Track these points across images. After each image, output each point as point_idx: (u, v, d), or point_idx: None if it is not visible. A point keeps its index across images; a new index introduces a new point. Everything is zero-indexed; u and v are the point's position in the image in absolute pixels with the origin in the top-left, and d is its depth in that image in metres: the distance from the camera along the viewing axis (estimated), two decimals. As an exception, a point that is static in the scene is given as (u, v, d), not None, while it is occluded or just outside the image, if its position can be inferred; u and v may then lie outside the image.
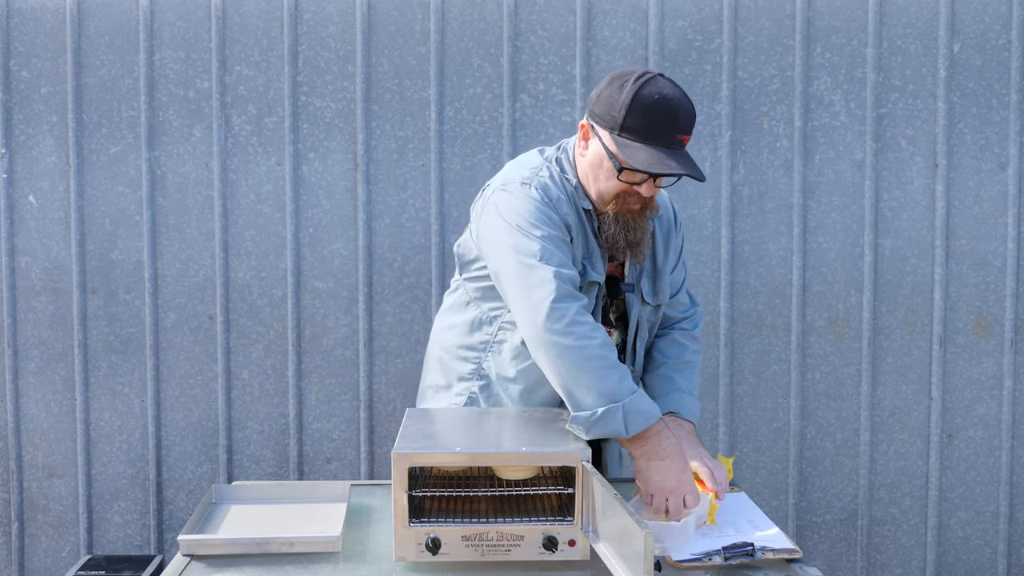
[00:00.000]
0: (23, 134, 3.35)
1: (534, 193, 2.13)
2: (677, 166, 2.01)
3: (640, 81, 2.03)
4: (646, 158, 2.02)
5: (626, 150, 2.04)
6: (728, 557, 1.83)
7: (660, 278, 2.31)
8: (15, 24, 3.33)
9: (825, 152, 3.39)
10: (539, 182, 2.16)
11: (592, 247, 2.19)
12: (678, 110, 2.03)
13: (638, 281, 2.28)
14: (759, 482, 3.47)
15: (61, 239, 3.38)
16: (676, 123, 2.03)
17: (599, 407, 1.95)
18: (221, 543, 1.91)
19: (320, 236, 3.38)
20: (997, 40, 3.37)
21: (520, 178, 2.18)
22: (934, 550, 3.50)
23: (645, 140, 2.03)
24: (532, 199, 2.12)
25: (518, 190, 2.15)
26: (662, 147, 2.02)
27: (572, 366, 1.98)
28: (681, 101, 2.04)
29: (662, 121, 2.02)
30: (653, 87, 2.02)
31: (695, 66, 3.36)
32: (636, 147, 2.03)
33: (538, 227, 2.08)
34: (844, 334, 3.43)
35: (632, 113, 2.02)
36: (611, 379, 1.97)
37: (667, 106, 2.02)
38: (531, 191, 2.14)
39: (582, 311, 2.02)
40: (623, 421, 1.95)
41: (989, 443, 3.48)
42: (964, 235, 3.41)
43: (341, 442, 3.44)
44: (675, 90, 2.05)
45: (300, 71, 3.35)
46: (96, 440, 3.45)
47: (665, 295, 2.34)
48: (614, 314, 2.30)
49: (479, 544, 1.80)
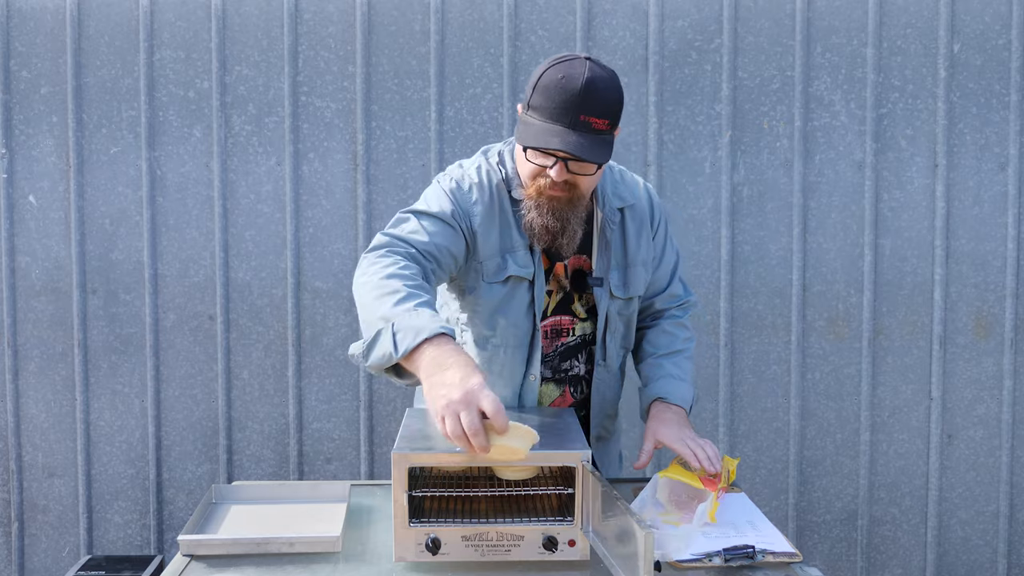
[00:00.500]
0: (23, 134, 3.35)
1: (445, 184, 2.16)
2: (560, 143, 1.96)
3: (555, 62, 2.01)
4: (533, 133, 2.00)
5: (523, 127, 2.03)
6: (728, 559, 1.83)
7: (631, 270, 2.27)
8: (15, 24, 3.33)
9: (825, 152, 3.39)
10: (459, 174, 2.18)
11: (516, 240, 2.16)
12: (582, 90, 1.95)
13: (607, 274, 2.23)
14: (759, 482, 3.47)
15: (61, 239, 3.38)
16: (577, 103, 1.95)
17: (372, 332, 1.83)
18: (221, 543, 1.90)
19: (320, 236, 3.38)
20: (997, 40, 3.37)
21: (450, 171, 2.22)
22: (934, 550, 3.50)
23: (545, 118, 1.99)
24: (439, 188, 2.15)
25: (436, 181, 2.20)
26: (561, 125, 1.97)
27: (359, 303, 1.92)
28: (593, 83, 1.97)
29: (560, 100, 1.96)
30: (564, 68, 1.98)
31: (695, 66, 3.36)
32: (533, 124, 2.01)
33: (424, 206, 2.12)
34: (844, 334, 3.43)
35: (536, 91, 2.00)
36: (386, 304, 1.85)
37: (569, 86, 1.96)
38: (445, 182, 2.17)
39: (390, 253, 1.99)
40: (392, 340, 1.78)
41: (989, 443, 3.48)
42: (964, 235, 3.41)
43: (341, 442, 3.44)
44: (592, 73, 1.98)
45: (300, 71, 3.35)
46: (96, 440, 3.45)
47: (637, 288, 2.29)
48: (584, 306, 2.27)
49: (479, 544, 1.80)
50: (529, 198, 2.09)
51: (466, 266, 2.18)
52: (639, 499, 2.07)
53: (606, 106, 1.99)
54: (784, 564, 1.85)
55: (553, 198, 2.07)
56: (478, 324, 2.22)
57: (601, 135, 2.00)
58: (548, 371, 2.27)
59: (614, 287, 2.24)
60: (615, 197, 2.25)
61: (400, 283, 1.89)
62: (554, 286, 2.23)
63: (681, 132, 3.37)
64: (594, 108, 1.97)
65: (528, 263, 2.17)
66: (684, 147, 3.38)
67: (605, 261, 2.22)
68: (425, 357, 1.76)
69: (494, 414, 1.67)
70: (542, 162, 2.03)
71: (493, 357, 2.23)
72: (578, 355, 2.30)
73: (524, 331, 2.21)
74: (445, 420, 1.68)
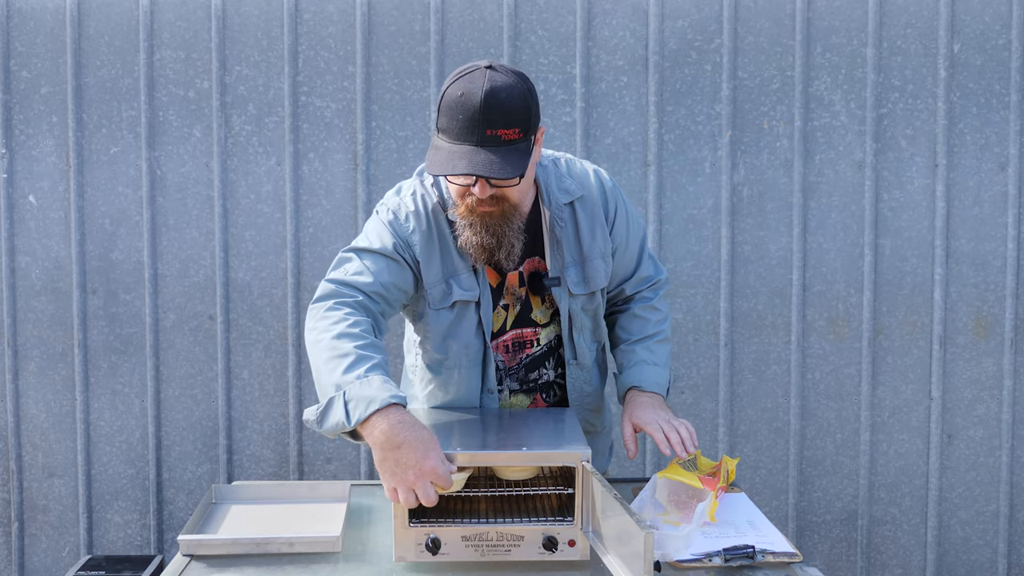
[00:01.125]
0: (23, 134, 3.35)
1: (383, 216, 2.12)
2: (467, 166, 1.89)
3: (455, 78, 1.95)
4: (438, 159, 1.94)
5: (431, 152, 1.97)
6: (728, 559, 1.83)
7: (589, 264, 2.19)
8: (15, 24, 3.32)
9: (825, 152, 3.39)
10: (395, 203, 2.13)
11: (458, 263, 2.12)
12: (481, 105, 1.88)
13: (563, 272, 2.17)
14: (759, 482, 3.47)
15: (61, 239, 3.38)
16: (480, 119, 1.88)
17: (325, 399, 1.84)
18: (221, 543, 1.91)
19: (320, 236, 3.38)
20: (997, 40, 3.37)
21: (387, 199, 2.17)
22: (934, 550, 3.50)
23: (452, 139, 1.93)
24: (378, 221, 2.12)
25: (375, 212, 2.16)
26: (469, 144, 1.90)
27: (312, 364, 1.93)
28: (494, 95, 1.89)
29: (463, 118, 1.90)
30: (463, 83, 1.91)
31: (695, 66, 3.36)
32: (441, 148, 1.94)
33: (364, 242, 2.09)
34: (844, 334, 3.43)
35: (441, 112, 1.95)
36: (337, 369, 1.84)
37: (469, 102, 1.89)
38: (383, 214, 2.13)
39: (338, 306, 1.97)
40: (344, 410, 1.79)
41: (989, 443, 3.48)
42: (964, 235, 3.41)
43: (341, 442, 3.44)
44: (491, 84, 1.90)
45: (300, 71, 3.35)
46: (96, 440, 3.44)
47: (598, 281, 2.21)
48: (548, 310, 2.24)
49: (479, 544, 1.80)
50: (462, 217, 2.04)
51: (416, 295, 2.16)
52: (639, 499, 2.07)
53: (512, 115, 1.91)
54: (784, 564, 1.85)
55: (485, 214, 2.01)
56: (430, 349, 2.21)
57: (513, 145, 1.92)
58: (515, 383, 2.26)
59: (572, 284, 2.18)
60: (561, 192, 2.18)
61: (350, 344, 1.88)
62: (509, 299, 2.19)
63: (681, 132, 3.37)
64: (498, 120, 1.90)
65: (472, 285, 2.13)
66: (684, 147, 3.38)
67: (559, 259, 2.17)
68: (376, 430, 1.77)
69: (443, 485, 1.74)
70: (463, 182, 1.98)
71: (448, 379, 2.22)
72: (546, 362, 2.27)
73: (476, 350, 2.19)
74: (398, 492, 1.75)
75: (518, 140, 1.93)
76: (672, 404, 3.40)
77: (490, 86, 1.89)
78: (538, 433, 1.96)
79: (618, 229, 2.24)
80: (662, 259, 3.38)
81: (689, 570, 1.81)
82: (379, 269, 2.05)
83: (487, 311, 2.15)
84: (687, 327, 3.41)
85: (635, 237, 2.30)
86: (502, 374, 2.24)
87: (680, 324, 3.41)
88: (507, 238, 2.04)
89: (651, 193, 3.37)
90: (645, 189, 3.37)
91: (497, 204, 2.01)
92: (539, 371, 2.27)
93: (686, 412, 3.43)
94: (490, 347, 2.18)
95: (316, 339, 1.93)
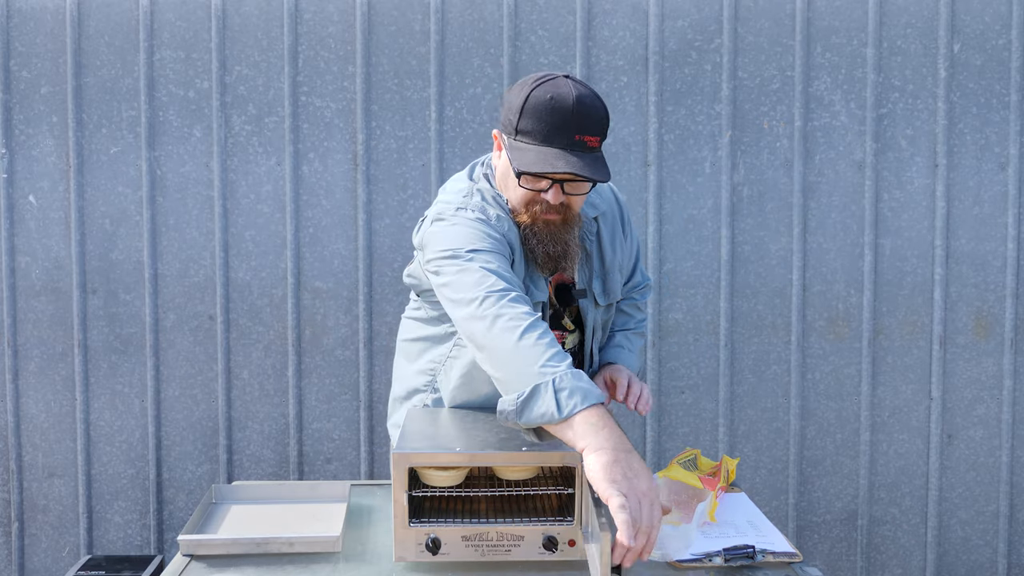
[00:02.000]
0: (23, 134, 3.35)
1: (469, 215, 2.05)
2: (565, 165, 1.90)
3: (537, 82, 1.96)
4: (533, 158, 1.93)
5: (517, 152, 1.96)
6: (728, 559, 1.83)
7: (610, 277, 2.24)
8: (15, 24, 3.32)
9: (825, 152, 3.38)
10: (474, 203, 2.08)
11: (531, 266, 2.10)
12: (573, 109, 1.92)
13: (590, 285, 2.21)
14: (759, 482, 3.47)
15: (61, 239, 3.38)
16: (571, 122, 1.92)
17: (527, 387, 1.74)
18: (221, 543, 1.90)
19: (320, 236, 3.37)
20: (997, 40, 3.37)
21: (456, 204, 2.10)
22: (934, 550, 3.50)
23: (539, 142, 1.94)
24: (468, 221, 2.03)
25: (453, 216, 2.06)
26: (557, 147, 1.93)
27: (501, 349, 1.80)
28: (582, 101, 1.93)
29: (554, 120, 1.92)
30: (549, 87, 1.94)
31: (695, 66, 3.36)
32: (527, 149, 1.95)
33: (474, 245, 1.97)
34: (844, 334, 3.43)
35: (525, 115, 1.95)
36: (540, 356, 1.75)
37: (560, 106, 1.92)
38: (467, 213, 2.05)
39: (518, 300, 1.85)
40: (554, 399, 1.70)
41: (989, 443, 3.48)
42: (964, 235, 3.41)
43: (341, 442, 3.44)
44: (578, 91, 1.94)
45: (300, 71, 3.34)
46: (96, 440, 3.44)
47: (616, 293, 2.27)
48: (570, 317, 2.25)
49: (479, 544, 1.80)
50: (525, 227, 2.03)
51: None
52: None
53: (597, 123, 1.96)
54: (784, 564, 1.85)
55: (549, 223, 2.02)
56: None
57: (595, 153, 1.96)
58: None
59: (598, 296, 2.23)
60: (589, 207, 2.21)
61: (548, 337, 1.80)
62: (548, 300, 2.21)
63: (681, 132, 3.37)
64: (587, 127, 1.94)
65: (544, 288, 2.13)
66: (684, 147, 3.38)
67: (587, 272, 2.21)
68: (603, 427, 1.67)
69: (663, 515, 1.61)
70: (536, 187, 1.98)
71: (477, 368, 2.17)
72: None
73: None
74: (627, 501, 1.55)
75: (597, 149, 1.97)
76: (672, 404, 3.41)
77: (578, 93, 1.94)
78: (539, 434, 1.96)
79: (630, 242, 2.35)
80: (662, 259, 3.38)
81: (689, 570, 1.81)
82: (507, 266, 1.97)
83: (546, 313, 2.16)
84: (687, 327, 3.41)
85: (635, 247, 2.42)
86: None
87: (680, 324, 3.41)
88: (571, 246, 2.07)
89: (651, 193, 3.37)
90: (645, 189, 3.37)
91: (561, 212, 2.03)
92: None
93: (686, 412, 3.43)
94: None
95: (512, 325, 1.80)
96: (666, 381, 3.43)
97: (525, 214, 2.03)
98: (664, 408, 3.44)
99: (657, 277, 3.39)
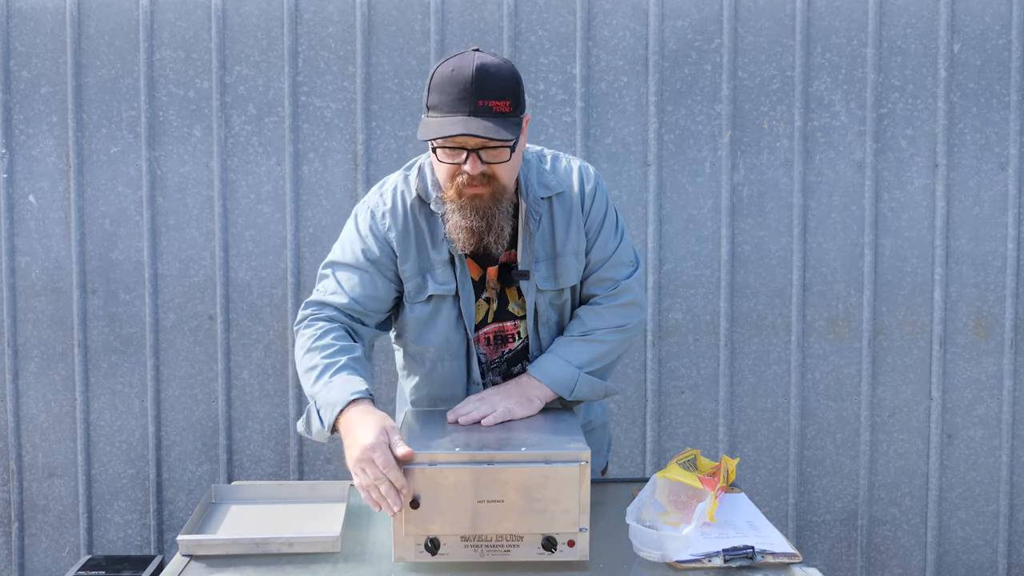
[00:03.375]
0: (23, 134, 3.35)
1: (361, 219, 2.18)
2: (463, 128, 1.92)
3: (444, 59, 2.00)
4: (435, 128, 1.96)
5: (424, 127, 1.99)
6: (728, 559, 1.83)
7: (560, 260, 2.18)
8: (15, 24, 3.32)
9: (825, 152, 3.38)
10: (375, 201, 2.18)
11: (433, 258, 2.15)
12: (474, 77, 1.93)
13: (531, 266, 2.16)
14: (759, 482, 3.47)
15: (61, 239, 3.38)
16: (471, 89, 1.92)
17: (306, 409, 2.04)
18: (220, 543, 1.90)
19: (320, 236, 3.37)
20: (997, 40, 3.36)
21: (368, 197, 2.22)
22: (934, 550, 3.50)
23: (444, 113, 1.96)
24: (354, 228, 2.18)
25: (353, 215, 2.22)
26: (460, 115, 1.94)
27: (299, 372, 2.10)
28: (484, 68, 1.94)
29: (455, 90, 1.94)
30: (453, 62, 1.97)
31: (695, 66, 3.36)
32: (433, 121, 1.97)
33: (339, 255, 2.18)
34: (844, 334, 3.43)
35: (431, 91, 1.98)
36: (308, 381, 2.03)
37: (460, 76, 1.93)
38: (360, 216, 2.19)
39: (311, 322, 2.12)
40: (318, 417, 1.97)
41: (989, 443, 3.47)
42: (964, 235, 3.41)
43: (341, 442, 3.43)
44: (481, 60, 1.95)
45: (300, 71, 3.34)
46: (96, 440, 3.44)
47: (569, 279, 2.20)
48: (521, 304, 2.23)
49: (478, 545, 1.79)
50: (451, 201, 2.04)
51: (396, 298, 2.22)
52: (637, 500, 2.07)
53: (502, 88, 1.96)
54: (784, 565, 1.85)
55: (475, 196, 2.02)
56: (410, 342, 2.26)
57: (505, 116, 1.96)
58: (498, 377, 2.27)
59: (541, 279, 2.18)
60: (540, 187, 2.18)
61: (319, 356, 2.03)
62: (490, 292, 2.21)
63: (681, 132, 3.37)
64: (490, 92, 1.94)
65: (448, 279, 2.15)
66: (684, 147, 3.37)
67: (530, 253, 2.17)
68: (342, 427, 1.93)
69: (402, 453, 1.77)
70: (454, 159, 1.99)
71: (432, 372, 2.25)
72: (527, 357, 2.26)
73: (457, 344, 2.21)
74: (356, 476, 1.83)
75: (508, 113, 1.97)
76: (672, 404, 3.41)
77: (480, 62, 1.95)
78: (539, 434, 1.96)
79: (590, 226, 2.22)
80: (662, 259, 3.38)
81: (689, 571, 1.81)
82: (353, 284, 2.14)
83: (468, 304, 2.18)
84: (687, 327, 3.41)
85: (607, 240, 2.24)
86: (484, 367, 2.25)
87: (680, 324, 3.41)
88: (496, 220, 2.05)
89: (651, 193, 3.36)
90: (645, 189, 3.37)
91: (487, 184, 2.02)
92: (521, 364, 2.26)
93: (686, 412, 3.43)
94: (472, 340, 2.20)
95: (297, 359, 2.10)
96: (666, 381, 3.43)
97: (452, 189, 2.04)
98: (664, 408, 3.44)
99: (657, 277, 3.39)
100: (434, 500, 1.77)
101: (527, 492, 1.77)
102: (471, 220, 2.02)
